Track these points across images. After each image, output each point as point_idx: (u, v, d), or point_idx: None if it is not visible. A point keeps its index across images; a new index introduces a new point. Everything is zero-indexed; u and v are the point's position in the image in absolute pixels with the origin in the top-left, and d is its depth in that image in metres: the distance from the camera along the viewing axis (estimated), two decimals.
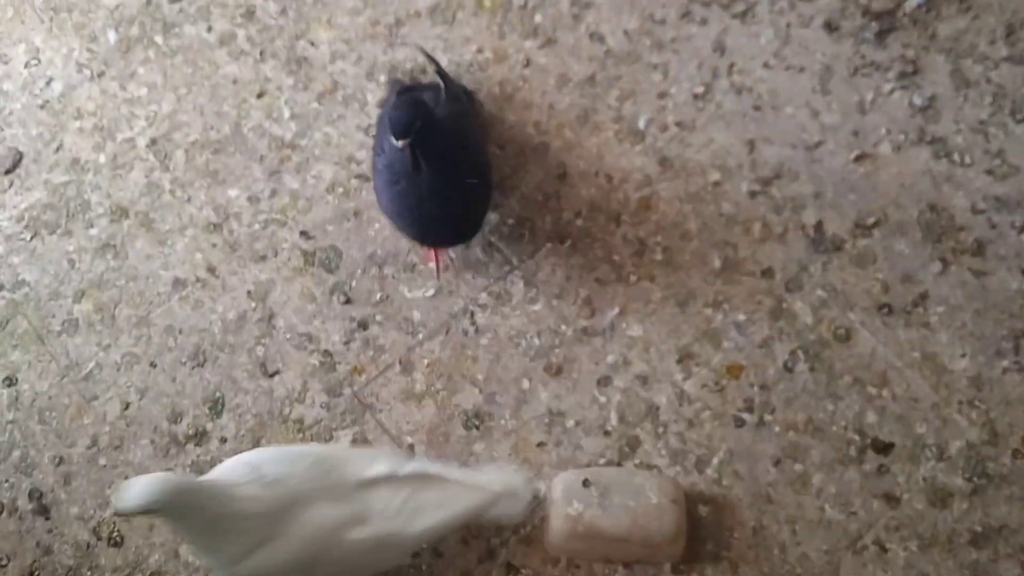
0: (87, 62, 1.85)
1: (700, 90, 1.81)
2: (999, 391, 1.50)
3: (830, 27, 1.85)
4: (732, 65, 1.83)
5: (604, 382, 1.52)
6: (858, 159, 1.72)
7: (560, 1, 1.91)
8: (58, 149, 1.76)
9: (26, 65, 1.85)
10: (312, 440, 1.55)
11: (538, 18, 1.90)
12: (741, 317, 1.58)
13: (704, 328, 1.56)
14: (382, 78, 1.84)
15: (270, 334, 1.61)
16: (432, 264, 1.62)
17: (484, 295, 1.60)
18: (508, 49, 1.87)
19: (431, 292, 1.61)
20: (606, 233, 1.66)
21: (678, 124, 1.78)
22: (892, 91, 1.78)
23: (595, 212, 1.69)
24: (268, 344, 1.60)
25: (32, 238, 1.68)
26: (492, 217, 1.68)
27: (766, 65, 1.83)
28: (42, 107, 1.81)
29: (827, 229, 1.65)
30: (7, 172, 1.74)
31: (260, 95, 1.82)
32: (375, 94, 1.82)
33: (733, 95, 1.80)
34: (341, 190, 1.71)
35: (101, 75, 1.84)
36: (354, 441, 1.48)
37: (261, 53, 1.87)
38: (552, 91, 1.82)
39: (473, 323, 1.58)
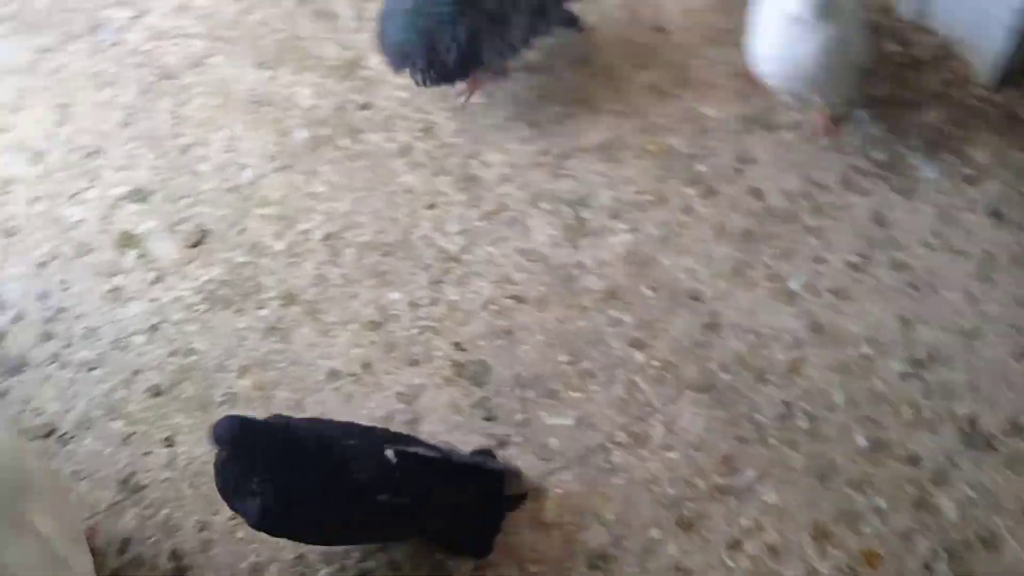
0: (278, 155, 1.97)
1: (856, 260, 1.79)
2: None
3: (996, 215, 1.82)
4: (891, 239, 1.81)
5: (734, 546, 1.48)
6: (1018, 356, 1.66)
7: (723, 154, 1.95)
8: (241, 232, 1.86)
9: (224, 151, 1.98)
10: None
11: (700, 167, 1.94)
12: (883, 503, 1.52)
13: (844, 507, 1.51)
14: (545, 205, 1.89)
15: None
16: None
17: (622, 433, 1.59)
18: (668, 193, 1.90)
19: (571, 421, 1.61)
20: (751, 390, 1.64)
21: (832, 291, 1.76)
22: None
23: (741, 367, 1.67)
24: None
25: (207, 311, 1.76)
26: (637, 356, 1.69)
27: (926, 244, 1.81)
28: (232, 191, 1.92)
29: (980, 424, 1.58)
30: (193, 246, 1.85)
31: (431, 207, 1.90)
32: (536, 220, 1.87)
33: (890, 270, 1.78)
34: (496, 308, 1.75)
35: (288, 168, 1.95)
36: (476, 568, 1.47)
37: (437, 168, 1.95)
38: (709, 240, 1.83)
39: (608, 461, 1.57)
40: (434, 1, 1.71)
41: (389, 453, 1.31)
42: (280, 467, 1.21)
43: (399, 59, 1.76)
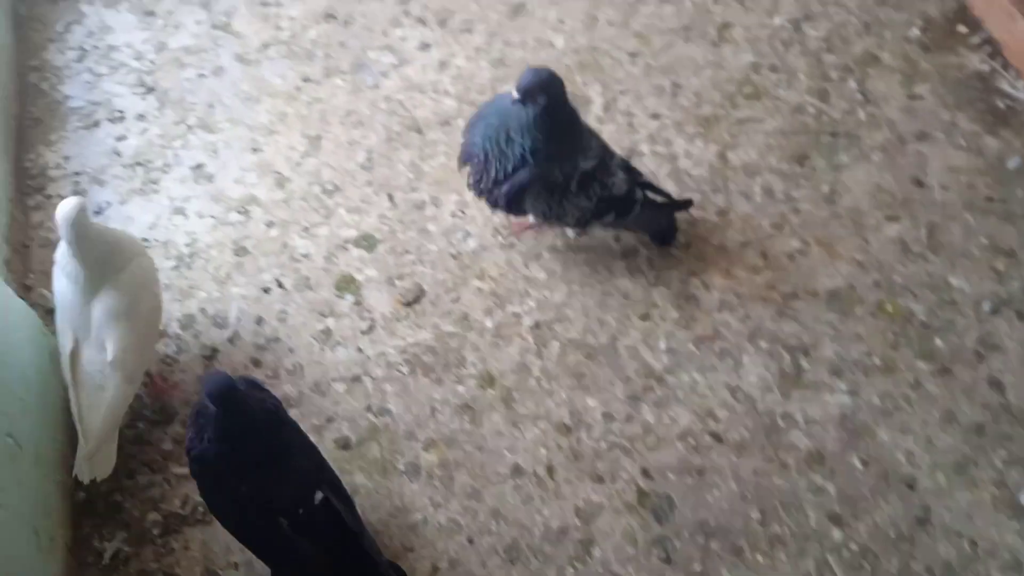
0: (503, 230, 2.00)
1: None
2: None
3: None
4: None
5: None
6: None
7: (967, 333, 1.82)
8: (455, 300, 1.89)
9: (452, 215, 2.03)
10: None
11: (938, 342, 1.82)
12: None
13: None
14: (763, 344, 1.82)
15: (584, 560, 1.58)
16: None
17: None
18: (898, 363, 1.79)
19: None
20: None
21: None
22: None
23: (949, 575, 1.53)
24: (579, 569, 1.57)
25: (409, 373, 1.79)
26: (835, 534, 1.58)
27: None
28: (454, 257, 1.96)
29: None
30: (408, 304, 1.90)
31: (643, 317, 1.87)
32: (751, 357, 1.81)
33: None
34: (692, 442, 1.69)
35: (511, 247, 1.97)
36: None
37: (656, 278, 1.93)
38: (934, 425, 1.71)
39: None
40: (512, 134, 1.66)
41: (318, 494, 1.36)
42: (234, 442, 1.33)
43: (463, 156, 1.76)
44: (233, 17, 2.30)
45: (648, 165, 2.06)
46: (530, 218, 1.84)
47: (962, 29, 2.23)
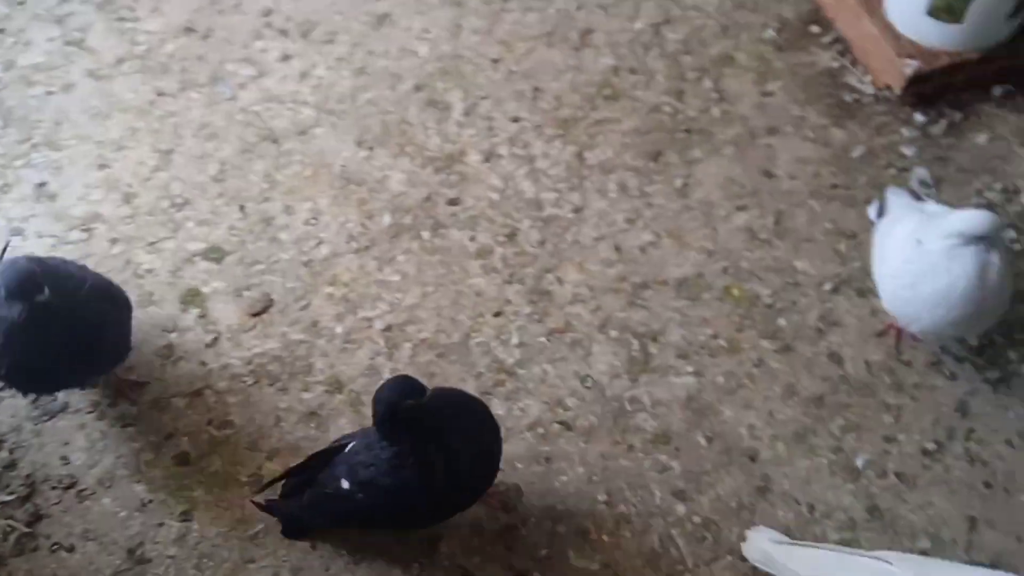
0: (357, 236, 2.11)
1: (931, 447, 1.80)
2: None
3: None
4: (971, 431, 1.82)
5: None
6: None
7: (808, 311, 1.99)
8: (304, 307, 1.99)
9: (305, 222, 2.13)
10: None
11: (781, 321, 1.99)
12: None
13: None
14: (613, 332, 1.97)
15: (430, 555, 1.64)
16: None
17: None
18: (743, 343, 1.96)
19: (596, 566, 1.64)
20: None
21: (898, 475, 1.77)
22: None
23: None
24: (425, 565, 1.63)
25: (253, 384, 1.88)
26: (679, 508, 1.72)
27: (1008, 442, 1.80)
28: (305, 265, 2.06)
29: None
30: (255, 315, 1.98)
31: (497, 314, 1.99)
32: (602, 346, 1.95)
33: (965, 463, 1.78)
34: (541, 431, 1.81)
35: (365, 251, 2.08)
36: None
37: (511, 275, 2.06)
38: (776, 399, 1.87)
39: None
40: None
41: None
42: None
43: None
44: (88, 33, 2.37)
45: (507, 167, 2.20)
46: None
47: (815, 29, 2.45)
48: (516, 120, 2.31)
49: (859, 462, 1.76)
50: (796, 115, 2.30)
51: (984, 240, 1.59)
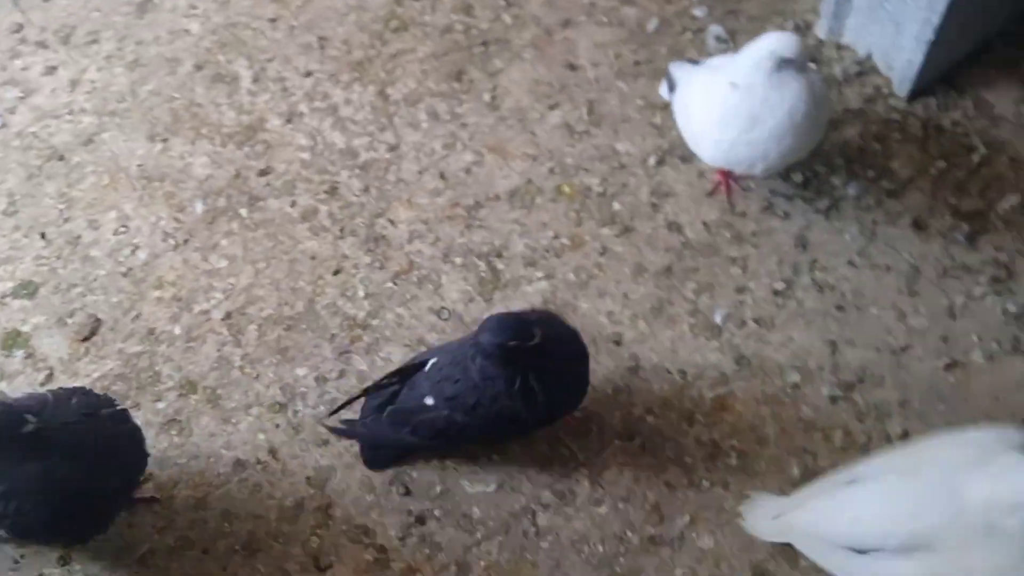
0: (173, 232, 2.01)
1: (780, 286, 1.86)
2: None
3: (918, 226, 1.90)
4: (815, 262, 1.89)
5: None
6: (948, 367, 1.73)
7: (639, 190, 2.02)
8: (136, 318, 1.89)
9: (115, 232, 2.02)
10: None
11: (616, 206, 2.01)
12: None
13: (780, 542, 1.56)
14: (458, 259, 1.95)
15: (326, 524, 1.65)
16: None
17: (547, 493, 1.63)
18: (585, 236, 1.97)
19: (493, 487, 1.65)
20: (678, 433, 1.69)
21: (756, 320, 1.82)
22: (984, 296, 1.80)
23: (667, 410, 1.72)
24: (323, 535, 1.64)
25: None
26: None
27: (851, 263, 1.88)
28: (125, 275, 1.95)
29: (913, 440, 1.65)
30: (84, 340, 1.88)
31: (336, 272, 1.94)
32: (450, 276, 1.93)
33: (815, 293, 1.85)
34: None
35: (185, 244, 1.99)
36: None
37: (341, 230, 2.01)
38: (627, 280, 1.90)
39: (534, 524, 1.60)
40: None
41: None
42: None
43: None
44: None
45: (310, 123, 2.12)
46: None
47: None
48: (309, 74, 2.24)
49: (717, 318, 1.80)
50: (586, 3, 2.29)
51: (795, 61, 1.62)
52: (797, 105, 1.63)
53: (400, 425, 1.53)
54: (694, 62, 1.92)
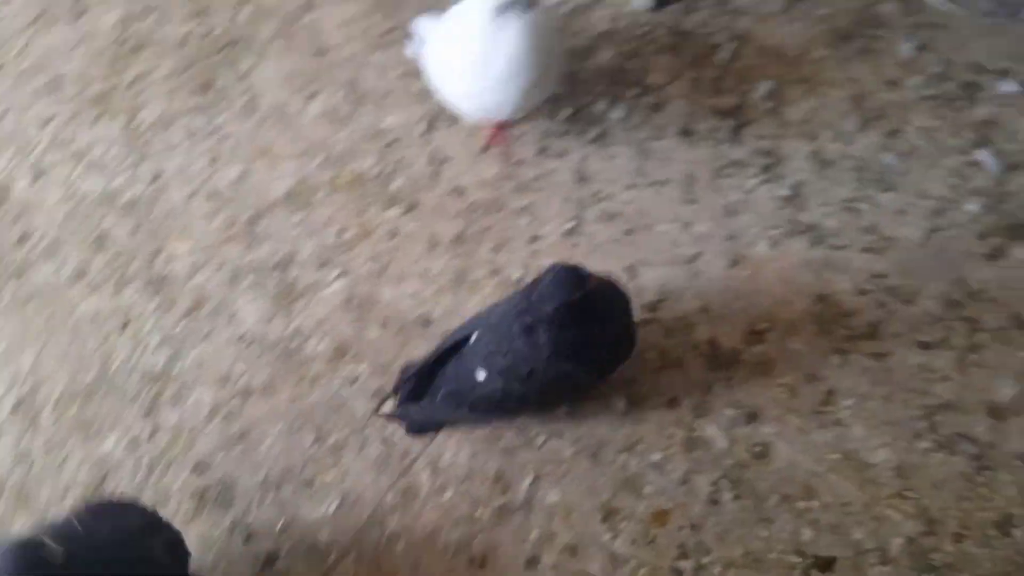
0: None
1: (570, 225, 1.89)
2: (925, 475, 1.57)
3: (686, 133, 1.96)
4: (597, 193, 1.92)
5: (532, 563, 1.55)
6: (736, 264, 1.81)
7: (416, 162, 2.00)
8: None
9: None
10: None
11: (397, 184, 1.98)
12: (657, 456, 1.63)
13: (621, 477, 1.61)
14: (248, 280, 1.89)
15: None
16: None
17: (390, 495, 1.62)
18: (372, 222, 1.94)
19: (335, 505, 1.63)
20: None
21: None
22: (757, 186, 1.88)
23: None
24: None
25: None
26: (384, 408, 1.72)
27: (630, 186, 1.93)
28: None
29: (721, 343, 1.72)
30: None
31: (124, 326, 1.85)
32: (244, 299, 1.86)
33: (603, 223, 1.89)
34: (224, 412, 1.73)
35: None
36: None
37: (119, 280, 1.91)
38: (424, 257, 1.89)
39: (383, 530, 1.60)
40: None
41: None
42: None
43: None
44: None
45: (61, 173, 2.00)
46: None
47: None
48: (48, 121, 2.10)
49: (516, 273, 1.82)
50: None
51: (515, 3, 1.66)
52: (520, 44, 1.68)
53: (457, 405, 1.52)
54: (435, 18, 1.90)
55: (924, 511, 1.52)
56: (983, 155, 1.82)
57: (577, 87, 2.00)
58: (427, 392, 1.59)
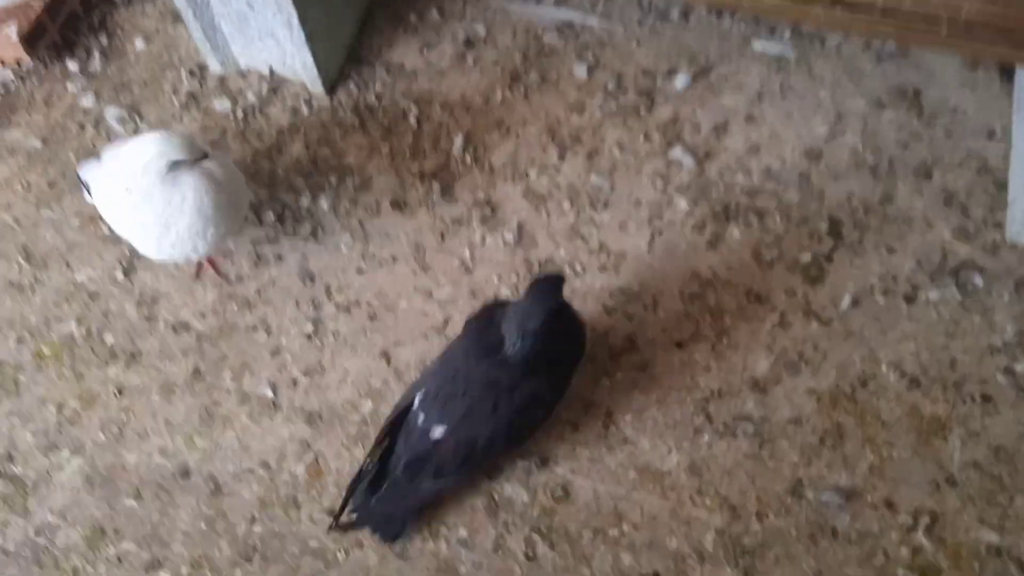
0: None
1: (310, 327, 1.83)
2: (716, 466, 1.63)
3: (399, 206, 1.97)
4: (328, 287, 1.88)
5: None
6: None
7: (124, 309, 1.87)
8: None
9: None
10: None
11: (109, 339, 1.84)
12: (463, 532, 1.59)
13: (435, 566, 1.56)
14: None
15: None
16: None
17: None
18: (93, 387, 1.79)
19: None
20: (291, 524, 1.62)
21: (305, 373, 1.78)
22: (483, 238, 1.92)
23: (268, 510, 1.64)
24: None
25: None
26: None
27: (359, 271, 1.90)
28: None
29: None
30: None
31: None
32: None
33: (344, 316, 1.84)
34: None
35: None
36: None
37: None
38: (162, 406, 1.76)
39: None
40: None
41: None
42: None
43: None
44: None
45: None
46: None
47: None
48: None
49: (268, 392, 1.74)
50: None
51: (184, 160, 1.60)
52: (203, 200, 1.64)
53: (420, 476, 1.47)
54: (96, 157, 1.80)
55: (725, 501, 1.59)
56: (677, 152, 1.95)
57: (277, 187, 1.96)
58: (384, 480, 1.52)
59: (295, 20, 1.88)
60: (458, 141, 2.00)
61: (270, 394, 1.74)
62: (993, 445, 1.57)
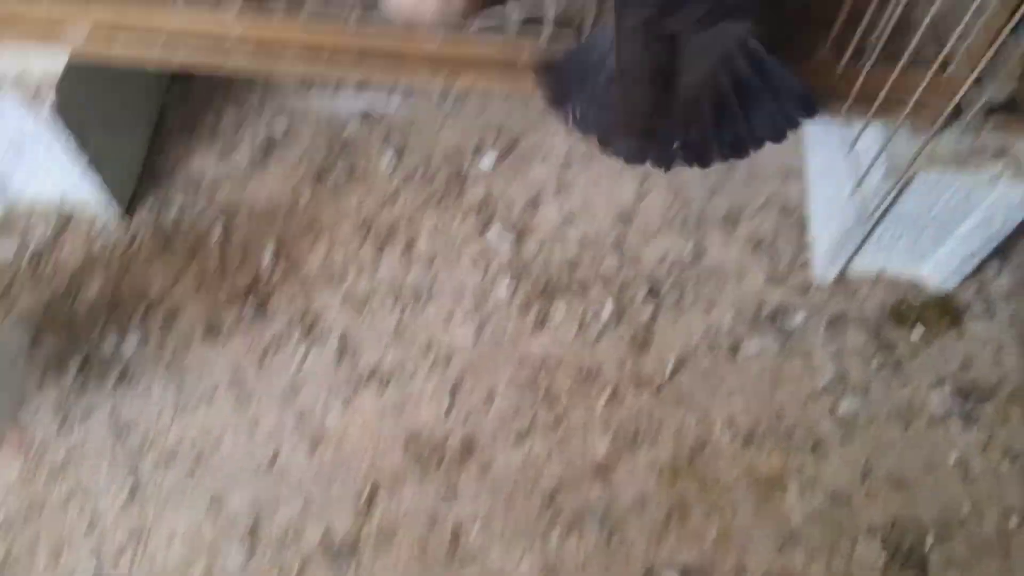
0: None
1: (128, 488, 1.74)
2: (570, 564, 1.62)
3: (212, 332, 1.89)
4: (144, 439, 1.79)
5: None
6: (318, 444, 1.77)
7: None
8: None
9: None
10: None
11: None
12: None
13: None
14: None
15: None
16: None
17: None
18: None
19: None
20: None
21: (132, 540, 1.70)
22: (305, 354, 1.86)
23: None
24: None
25: None
26: None
27: (178, 412, 1.82)
28: None
29: (336, 534, 1.67)
30: None
31: None
32: None
33: (165, 468, 1.76)
34: None
35: None
36: None
37: None
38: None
39: None
40: None
41: None
42: None
43: None
44: None
45: None
46: None
47: None
48: None
49: (89, 572, 1.63)
50: None
51: None
52: None
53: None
54: None
55: None
56: (494, 233, 1.94)
57: (77, 333, 1.86)
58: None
59: (74, 145, 1.79)
60: (268, 251, 1.95)
61: (91, 572, 1.63)
62: (829, 491, 1.60)
